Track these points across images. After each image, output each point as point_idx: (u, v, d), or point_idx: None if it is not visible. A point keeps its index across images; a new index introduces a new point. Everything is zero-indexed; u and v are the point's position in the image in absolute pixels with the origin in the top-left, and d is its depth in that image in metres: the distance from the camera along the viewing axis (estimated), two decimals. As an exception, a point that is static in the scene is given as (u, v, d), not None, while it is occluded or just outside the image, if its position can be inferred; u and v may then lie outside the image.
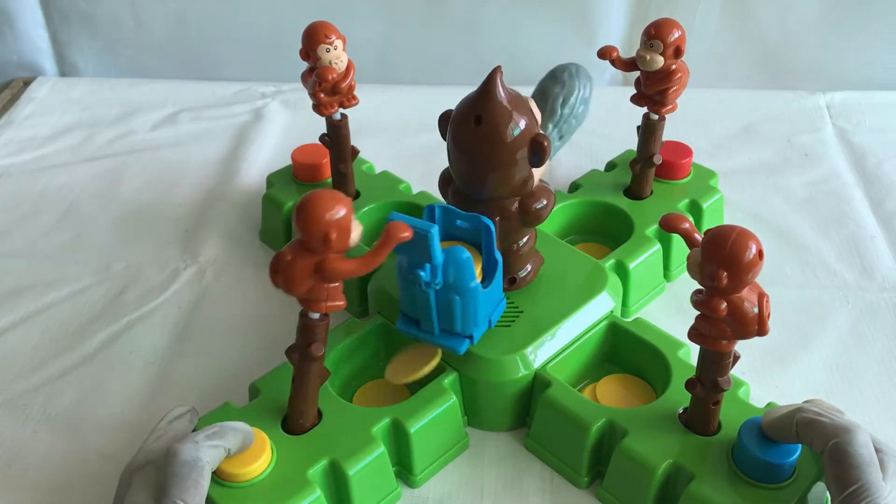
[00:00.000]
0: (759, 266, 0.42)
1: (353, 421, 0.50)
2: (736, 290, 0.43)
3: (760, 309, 0.43)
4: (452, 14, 0.95)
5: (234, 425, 0.46)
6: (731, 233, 0.42)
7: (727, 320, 0.44)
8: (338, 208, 0.43)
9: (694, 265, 0.44)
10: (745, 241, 0.42)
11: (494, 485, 0.53)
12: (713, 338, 0.45)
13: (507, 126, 0.50)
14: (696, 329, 0.46)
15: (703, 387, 0.48)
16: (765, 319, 0.43)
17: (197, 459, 0.43)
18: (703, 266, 0.43)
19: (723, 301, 0.43)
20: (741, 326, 0.44)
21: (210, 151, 0.85)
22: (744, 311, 0.43)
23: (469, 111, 0.51)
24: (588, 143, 0.86)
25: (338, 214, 0.43)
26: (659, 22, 0.61)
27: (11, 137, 0.88)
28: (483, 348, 0.54)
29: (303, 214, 0.42)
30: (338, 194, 0.43)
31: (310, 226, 0.42)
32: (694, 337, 0.46)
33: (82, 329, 0.64)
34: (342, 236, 0.43)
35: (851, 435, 0.43)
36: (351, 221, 0.43)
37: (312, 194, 0.43)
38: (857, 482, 0.41)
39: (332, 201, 0.43)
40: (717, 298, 0.43)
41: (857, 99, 0.93)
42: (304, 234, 0.43)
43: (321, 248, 0.43)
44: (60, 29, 0.98)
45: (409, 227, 0.45)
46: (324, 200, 0.43)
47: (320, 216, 0.42)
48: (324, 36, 0.61)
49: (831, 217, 0.75)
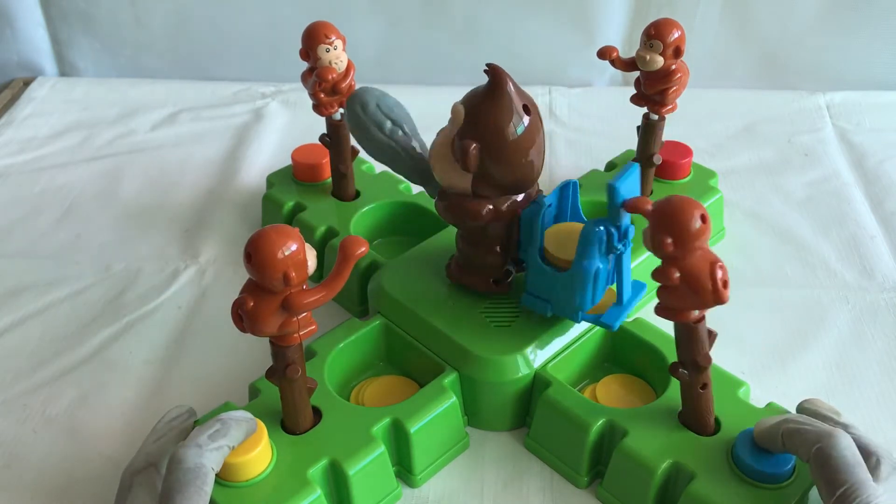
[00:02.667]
0: (706, 231, 0.43)
1: (353, 421, 0.50)
2: (685, 256, 0.44)
3: (713, 275, 0.44)
4: (452, 14, 0.95)
5: (235, 417, 0.46)
6: (675, 201, 0.44)
7: (683, 289, 0.44)
8: (289, 244, 0.42)
9: (646, 237, 0.45)
10: (689, 207, 0.43)
11: (494, 485, 0.53)
12: (675, 309, 0.46)
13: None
14: (659, 304, 0.46)
15: (686, 368, 0.48)
16: (718, 285, 0.44)
17: (201, 466, 0.43)
18: (653, 236, 0.44)
19: (674, 269, 0.44)
20: (697, 295, 0.44)
21: (210, 151, 0.85)
22: (696, 277, 0.44)
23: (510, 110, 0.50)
24: (588, 143, 0.86)
25: (290, 249, 0.42)
26: (659, 22, 0.61)
27: (11, 137, 0.88)
28: (483, 348, 0.54)
29: (256, 258, 0.42)
30: (283, 228, 0.43)
31: (266, 268, 0.42)
32: (658, 311, 0.47)
33: (82, 329, 0.64)
34: (300, 270, 0.42)
35: (834, 439, 0.43)
36: (304, 252, 0.43)
37: (259, 236, 0.42)
38: (846, 483, 0.41)
39: (281, 238, 0.42)
40: (669, 267, 0.44)
41: (857, 99, 0.93)
42: (260, 278, 0.42)
43: (281, 287, 0.42)
44: (60, 29, 0.98)
45: (365, 241, 0.44)
46: (273, 240, 0.42)
47: (274, 257, 0.42)
48: (324, 36, 0.61)
49: (831, 217, 0.75)
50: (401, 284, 0.59)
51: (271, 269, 0.42)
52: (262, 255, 0.42)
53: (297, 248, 0.42)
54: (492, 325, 0.56)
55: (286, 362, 0.47)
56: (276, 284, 0.42)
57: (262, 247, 0.42)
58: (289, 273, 0.42)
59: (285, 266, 0.42)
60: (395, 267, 0.61)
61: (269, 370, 0.48)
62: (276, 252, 0.42)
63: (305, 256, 0.43)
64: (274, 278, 0.42)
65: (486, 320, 0.56)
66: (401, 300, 0.58)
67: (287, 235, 0.42)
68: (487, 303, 0.57)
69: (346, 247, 0.44)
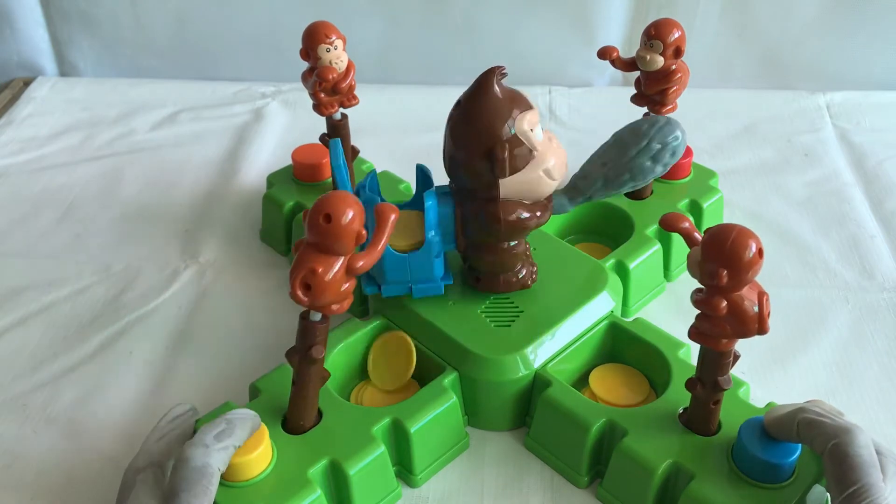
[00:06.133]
0: (759, 264, 0.42)
1: (354, 421, 0.51)
2: (736, 288, 0.43)
3: (760, 307, 0.43)
4: (452, 14, 0.95)
5: (241, 416, 0.46)
6: (731, 231, 0.42)
7: (727, 319, 0.44)
8: (355, 206, 0.43)
9: (694, 264, 0.44)
10: (745, 240, 0.42)
11: (494, 485, 0.53)
12: (713, 337, 0.45)
13: None
14: (696, 328, 0.46)
15: (704, 386, 0.48)
16: (765, 318, 0.43)
17: (207, 466, 0.43)
18: (703, 265, 0.43)
19: (723, 300, 0.43)
20: (741, 325, 0.44)
21: (210, 151, 0.85)
22: (744, 310, 0.43)
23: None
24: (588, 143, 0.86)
25: (358, 211, 0.43)
26: (659, 22, 0.61)
27: (11, 137, 0.88)
28: (483, 348, 0.54)
29: (336, 219, 0.42)
30: (342, 193, 0.43)
31: (345, 229, 0.42)
32: (694, 336, 0.46)
33: (82, 329, 0.64)
34: (362, 230, 0.43)
35: (852, 436, 0.43)
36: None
37: (333, 199, 0.43)
38: (858, 483, 0.41)
39: (350, 200, 0.43)
40: (717, 297, 0.43)
41: (857, 99, 0.93)
42: (336, 240, 0.43)
43: (351, 248, 0.43)
44: (60, 29, 0.98)
45: (395, 207, 0.46)
46: (348, 202, 0.42)
47: (352, 217, 0.42)
48: (324, 36, 0.61)
49: (831, 217, 0.75)
50: (401, 284, 0.59)
51: (349, 228, 0.42)
52: (340, 216, 0.42)
53: (361, 208, 0.43)
54: (492, 325, 0.56)
55: (312, 341, 0.46)
56: (349, 245, 0.43)
57: (340, 208, 0.42)
58: (361, 232, 0.43)
59: (359, 226, 0.43)
60: (395, 267, 0.61)
61: (290, 350, 0.47)
62: (350, 212, 0.42)
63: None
64: (350, 238, 0.43)
65: (486, 320, 0.56)
66: (401, 300, 0.58)
67: (350, 198, 0.43)
68: (487, 303, 0.57)
69: (381, 213, 0.45)
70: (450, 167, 0.54)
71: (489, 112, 0.51)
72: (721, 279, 0.42)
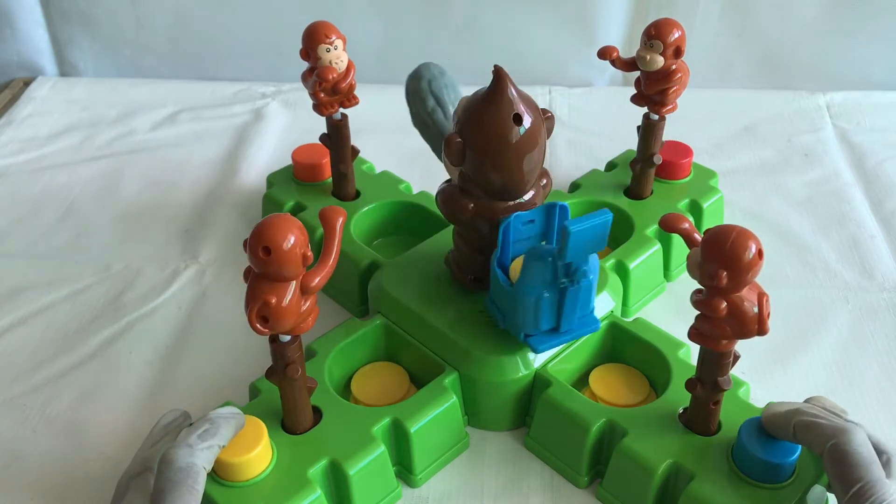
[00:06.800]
0: (759, 265, 0.42)
1: (354, 421, 0.51)
2: (736, 289, 0.43)
3: (760, 308, 0.43)
4: (452, 14, 0.95)
5: (223, 415, 0.46)
6: (730, 232, 0.42)
7: (727, 320, 0.44)
8: (293, 228, 0.42)
9: (694, 265, 0.44)
10: (745, 241, 0.42)
11: (494, 485, 0.53)
12: (713, 337, 0.45)
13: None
14: (696, 329, 0.46)
15: (704, 387, 0.48)
16: (765, 319, 0.43)
17: (192, 465, 0.43)
18: (703, 266, 0.43)
19: (723, 301, 0.43)
20: (741, 326, 0.44)
21: (210, 151, 0.85)
22: (744, 311, 0.43)
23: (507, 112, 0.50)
24: (588, 143, 0.86)
25: (297, 232, 0.42)
26: (659, 22, 0.61)
27: (11, 137, 0.88)
28: (483, 348, 0.54)
29: (277, 249, 0.41)
30: (278, 216, 0.43)
31: (288, 256, 0.42)
32: (694, 337, 0.46)
33: (82, 329, 0.64)
34: (308, 248, 0.43)
35: (849, 435, 0.43)
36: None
37: (268, 228, 0.42)
38: (861, 481, 0.41)
39: (287, 223, 0.42)
40: (717, 298, 0.43)
41: (857, 99, 0.93)
42: (281, 267, 0.42)
43: (300, 270, 0.43)
44: (60, 29, 0.98)
45: (342, 210, 0.45)
46: (283, 227, 0.42)
47: (291, 243, 0.42)
48: (324, 36, 0.61)
49: (831, 217, 0.75)
50: (401, 284, 0.59)
51: (292, 255, 0.42)
52: (279, 245, 0.41)
53: (299, 228, 0.43)
54: (492, 325, 0.56)
55: (286, 361, 0.47)
56: (297, 269, 0.42)
57: (276, 237, 0.42)
58: (306, 253, 0.42)
59: (302, 247, 0.42)
60: (395, 267, 0.61)
61: (269, 370, 0.48)
62: (290, 237, 0.42)
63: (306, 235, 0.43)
64: (295, 263, 0.42)
65: (486, 320, 0.56)
66: (401, 300, 0.58)
67: (288, 220, 0.42)
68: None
69: (326, 218, 0.45)
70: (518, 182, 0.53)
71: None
72: (721, 280, 0.42)
